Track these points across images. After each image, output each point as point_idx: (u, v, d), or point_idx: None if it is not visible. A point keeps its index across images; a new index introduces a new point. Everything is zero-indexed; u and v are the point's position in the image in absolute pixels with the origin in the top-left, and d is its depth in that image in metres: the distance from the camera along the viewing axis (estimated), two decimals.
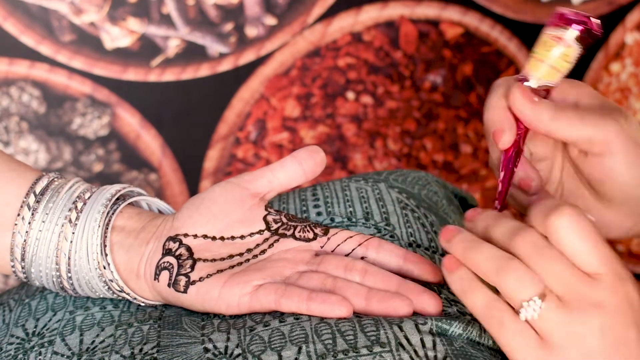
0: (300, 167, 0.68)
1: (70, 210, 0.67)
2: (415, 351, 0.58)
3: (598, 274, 0.56)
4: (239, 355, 0.59)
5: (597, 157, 0.65)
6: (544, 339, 0.55)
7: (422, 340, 0.58)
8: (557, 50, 0.63)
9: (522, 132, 0.65)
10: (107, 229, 0.67)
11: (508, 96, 0.64)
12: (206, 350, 0.60)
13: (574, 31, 0.63)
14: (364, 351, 0.57)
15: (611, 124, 0.64)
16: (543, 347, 0.55)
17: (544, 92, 0.64)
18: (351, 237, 0.67)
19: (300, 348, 0.58)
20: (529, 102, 0.63)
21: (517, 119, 0.65)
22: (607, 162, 0.65)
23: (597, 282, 0.55)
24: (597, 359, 0.55)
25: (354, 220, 0.72)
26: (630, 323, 0.56)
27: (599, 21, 0.62)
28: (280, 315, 0.62)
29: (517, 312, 0.55)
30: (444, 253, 0.71)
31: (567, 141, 0.66)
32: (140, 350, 0.62)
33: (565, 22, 0.63)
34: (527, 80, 0.64)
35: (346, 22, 1.38)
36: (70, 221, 0.67)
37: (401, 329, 0.59)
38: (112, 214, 0.68)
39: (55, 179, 0.69)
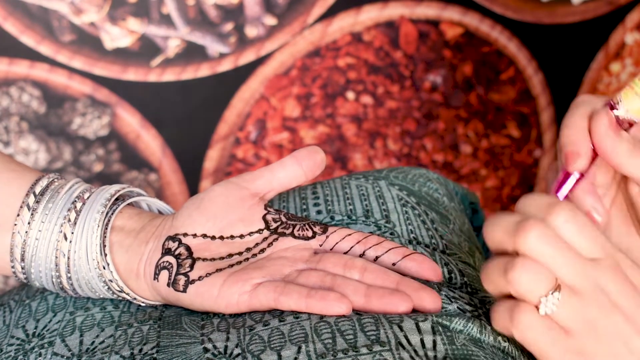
0: (300, 167, 0.68)
1: (69, 210, 0.67)
2: (415, 351, 0.57)
3: (599, 258, 0.56)
4: (238, 355, 0.59)
5: None
6: (566, 329, 0.56)
7: (422, 341, 0.58)
8: None
9: (593, 157, 0.64)
10: (106, 229, 0.67)
11: (592, 119, 0.63)
12: (206, 350, 0.60)
13: None
14: (364, 350, 0.57)
15: None
16: (568, 337, 0.56)
17: (627, 125, 0.63)
18: (350, 234, 0.67)
19: (299, 347, 0.58)
20: (613, 133, 0.62)
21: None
22: None
23: (599, 263, 0.56)
24: (614, 337, 0.56)
25: (354, 218, 0.72)
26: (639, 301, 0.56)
27: None
28: (279, 315, 0.62)
29: (536, 308, 0.56)
30: (444, 250, 0.71)
31: (633, 179, 0.65)
32: (140, 350, 0.62)
33: None
34: (614, 107, 0.62)
35: (346, 22, 1.38)
36: (69, 221, 0.67)
37: (401, 329, 0.59)
38: (112, 214, 0.68)
39: (55, 180, 0.70)
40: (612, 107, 0.63)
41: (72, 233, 0.67)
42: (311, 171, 0.68)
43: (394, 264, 0.65)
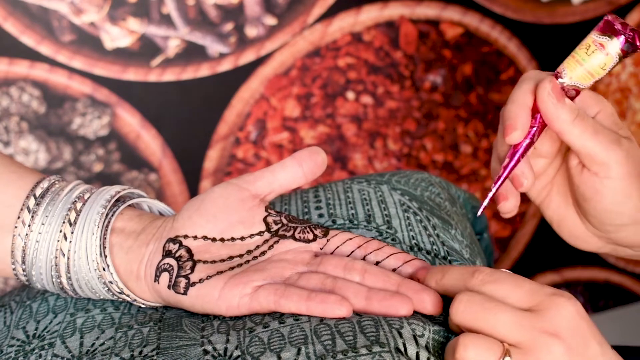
0: (300, 168, 0.68)
1: (69, 210, 0.67)
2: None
3: (536, 305, 0.57)
4: (238, 357, 0.59)
5: (593, 175, 0.66)
6: None
7: (417, 355, 0.59)
8: (598, 57, 0.64)
9: (541, 126, 0.66)
10: (106, 230, 0.67)
11: (538, 87, 0.65)
12: (205, 352, 0.60)
13: (618, 43, 0.63)
14: (363, 351, 0.57)
15: (618, 151, 0.65)
16: None
17: (573, 92, 0.66)
18: (351, 238, 0.67)
19: (299, 349, 0.58)
20: (556, 98, 0.64)
21: (536, 112, 0.66)
22: (599, 183, 0.66)
23: (540, 312, 0.57)
24: None
25: (355, 222, 0.72)
26: (588, 337, 0.57)
27: None
28: (279, 317, 0.62)
29: None
30: (445, 257, 0.71)
31: (572, 148, 0.66)
32: (140, 352, 0.62)
33: (612, 31, 0.63)
34: (560, 77, 0.65)
35: (346, 22, 1.38)
36: (69, 221, 0.67)
37: (400, 335, 0.59)
38: (112, 215, 0.68)
39: (56, 182, 0.69)
40: (557, 77, 0.65)
41: (72, 233, 0.67)
42: (312, 172, 0.68)
43: (394, 270, 0.65)
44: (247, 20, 1.33)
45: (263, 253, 0.67)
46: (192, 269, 0.65)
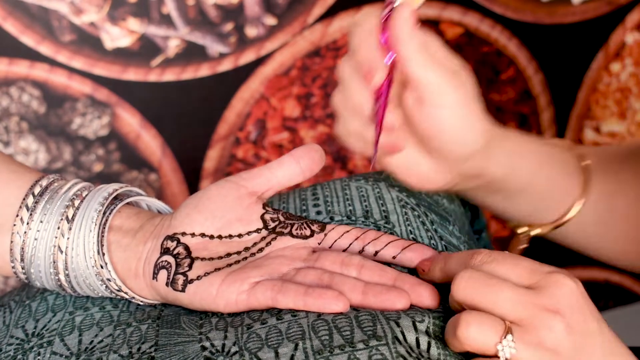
0: (298, 165, 0.68)
1: (67, 207, 0.67)
2: (410, 347, 0.58)
3: (536, 283, 0.57)
4: (236, 352, 0.59)
5: (433, 108, 0.65)
6: None
7: (417, 340, 0.59)
8: None
9: (393, 62, 0.64)
10: (104, 228, 0.67)
11: (394, 22, 0.63)
12: (203, 348, 0.60)
13: None
14: (360, 345, 0.57)
15: (456, 80, 0.65)
16: None
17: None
18: (348, 231, 0.67)
19: (297, 344, 0.58)
20: (411, 28, 0.63)
21: (386, 49, 0.64)
22: (440, 114, 0.65)
23: (540, 289, 0.57)
24: (570, 358, 0.56)
25: (353, 218, 0.72)
26: (588, 314, 0.57)
27: None
28: (277, 313, 0.62)
29: (497, 357, 0.56)
30: (443, 251, 0.71)
31: (413, 78, 0.65)
32: (139, 349, 0.62)
33: None
34: (391, 3, 0.63)
35: (346, 22, 1.38)
36: (67, 217, 0.67)
37: (398, 325, 0.59)
38: (109, 213, 0.68)
39: (55, 181, 0.70)
40: (391, 3, 0.63)
41: (70, 229, 0.67)
42: (309, 169, 0.68)
43: (394, 257, 0.66)
44: (247, 20, 1.33)
45: (260, 250, 0.67)
46: (190, 266, 0.65)
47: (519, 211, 0.79)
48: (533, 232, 0.80)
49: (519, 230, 0.80)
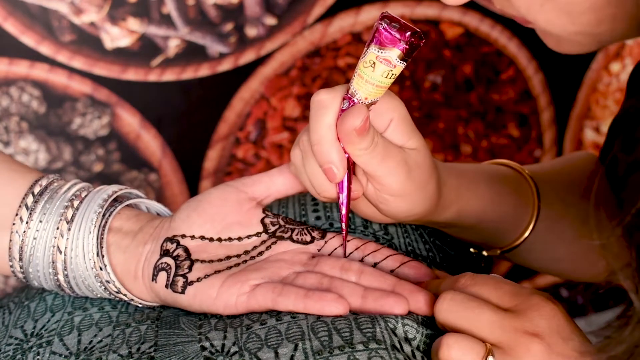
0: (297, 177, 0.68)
1: (66, 207, 0.67)
2: (407, 357, 0.58)
3: (516, 306, 0.58)
4: (235, 352, 0.59)
5: (381, 192, 0.66)
6: None
7: (413, 353, 0.59)
8: (383, 70, 0.61)
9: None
10: (103, 230, 0.67)
11: (340, 126, 0.62)
12: (203, 348, 0.60)
13: (398, 51, 0.60)
14: (360, 347, 0.58)
15: (402, 173, 0.65)
16: None
17: (369, 106, 0.63)
18: (348, 240, 0.67)
19: (296, 345, 0.59)
20: (358, 136, 0.62)
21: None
22: (387, 198, 0.66)
23: (520, 312, 0.58)
24: None
25: (352, 227, 0.72)
26: (568, 335, 0.58)
27: (419, 32, 0.60)
28: (277, 314, 0.62)
29: None
30: (440, 262, 0.72)
31: (364, 170, 0.65)
32: (138, 349, 0.62)
33: (392, 41, 0.60)
34: (352, 99, 0.63)
35: (346, 22, 1.38)
36: (66, 218, 0.67)
37: (395, 335, 0.59)
38: (109, 215, 0.68)
39: (55, 181, 0.70)
40: (351, 100, 0.63)
41: (69, 230, 0.67)
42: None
43: (392, 271, 0.66)
44: (247, 20, 1.33)
45: (261, 253, 0.67)
46: (190, 268, 0.65)
47: (470, 240, 0.80)
48: (485, 253, 0.81)
49: (471, 249, 0.81)
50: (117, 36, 1.28)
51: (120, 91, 1.30)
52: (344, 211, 0.66)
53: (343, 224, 0.66)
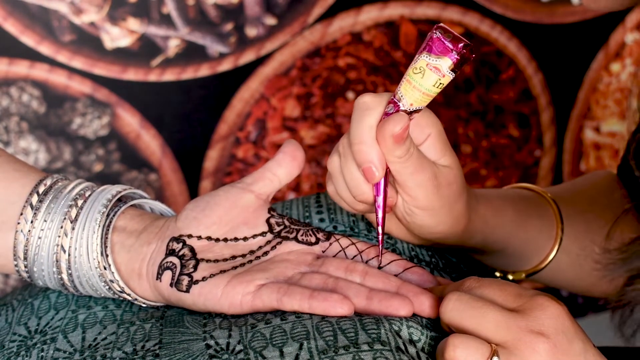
0: (295, 161, 0.69)
1: (70, 206, 0.67)
2: (412, 358, 0.59)
3: (521, 306, 0.59)
4: (240, 351, 0.59)
5: (408, 202, 0.67)
6: None
7: (417, 354, 0.59)
8: (432, 78, 0.62)
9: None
10: (107, 229, 0.67)
11: (380, 129, 0.63)
12: (208, 346, 0.60)
13: (449, 61, 0.61)
14: (365, 347, 0.58)
15: (430, 187, 0.66)
16: None
17: (413, 114, 0.64)
18: (353, 243, 0.68)
19: (301, 344, 0.59)
20: (395, 141, 0.63)
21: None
22: (414, 210, 0.67)
23: (525, 312, 0.58)
24: None
25: (356, 230, 0.73)
26: (572, 335, 0.58)
27: (471, 45, 0.61)
28: (282, 314, 0.62)
29: None
30: (444, 268, 0.72)
31: (395, 179, 0.66)
32: (143, 347, 0.62)
33: (444, 50, 0.61)
34: (397, 104, 0.63)
35: (346, 22, 1.38)
36: (70, 217, 0.67)
37: (400, 337, 0.60)
38: (113, 215, 0.68)
39: (59, 180, 0.70)
40: (396, 104, 0.63)
41: (73, 229, 0.67)
42: (302, 163, 0.70)
43: (395, 276, 0.66)
44: (247, 20, 1.33)
45: (266, 253, 0.67)
46: (195, 267, 0.65)
47: (495, 264, 0.81)
48: (510, 277, 0.82)
49: (496, 273, 0.82)
50: (117, 36, 1.28)
51: (120, 91, 1.30)
52: (380, 214, 0.66)
53: (380, 228, 0.67)
